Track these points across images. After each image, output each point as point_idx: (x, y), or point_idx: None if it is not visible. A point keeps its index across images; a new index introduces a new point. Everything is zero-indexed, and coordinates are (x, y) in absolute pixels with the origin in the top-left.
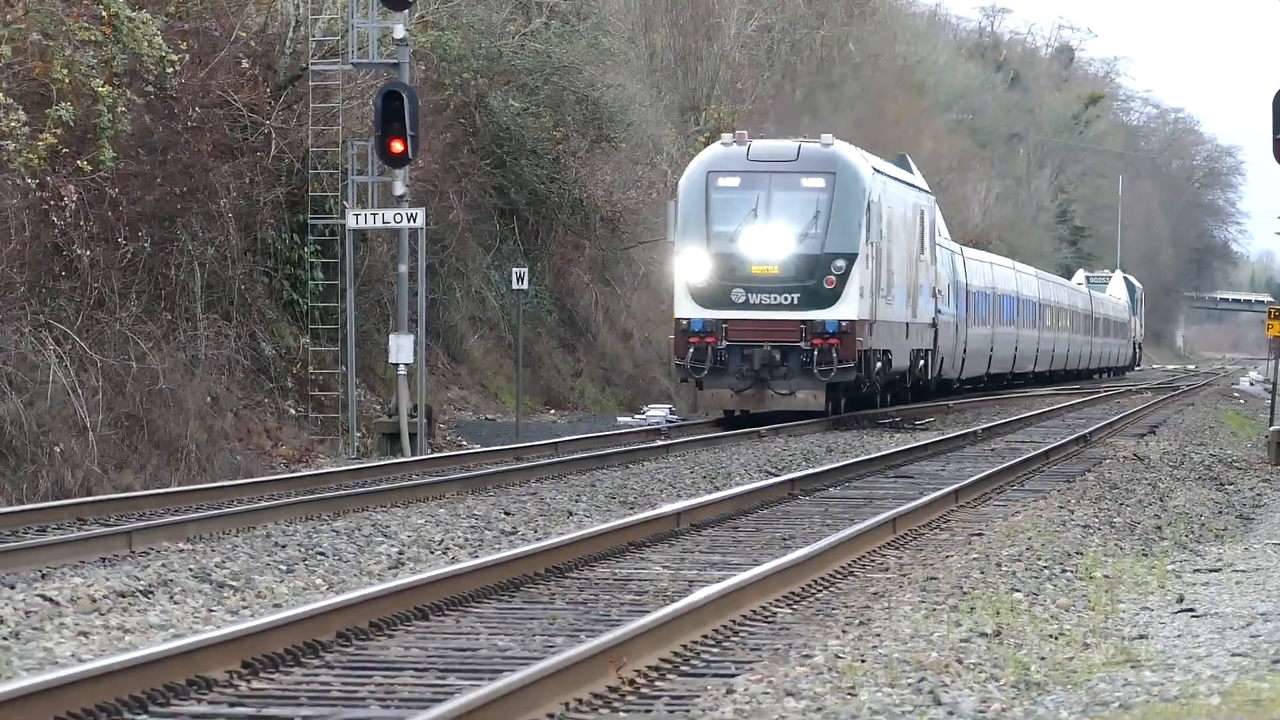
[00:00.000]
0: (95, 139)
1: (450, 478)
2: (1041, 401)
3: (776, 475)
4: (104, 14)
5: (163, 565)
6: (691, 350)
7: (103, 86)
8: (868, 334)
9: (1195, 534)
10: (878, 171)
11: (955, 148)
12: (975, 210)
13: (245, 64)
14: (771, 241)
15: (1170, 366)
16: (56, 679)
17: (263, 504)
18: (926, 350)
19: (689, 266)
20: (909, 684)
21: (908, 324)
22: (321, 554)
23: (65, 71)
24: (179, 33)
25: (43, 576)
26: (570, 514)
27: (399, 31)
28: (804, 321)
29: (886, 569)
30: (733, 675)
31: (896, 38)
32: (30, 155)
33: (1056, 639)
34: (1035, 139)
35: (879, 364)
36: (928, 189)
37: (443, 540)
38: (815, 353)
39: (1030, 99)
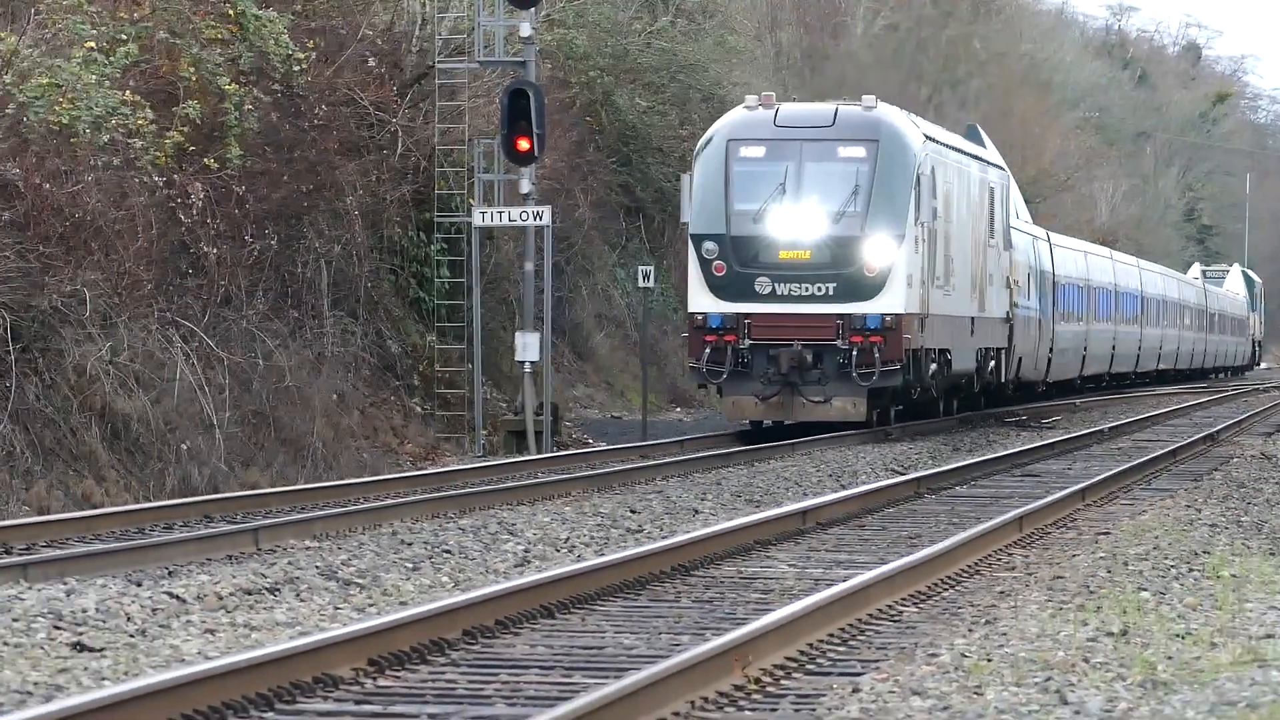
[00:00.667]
0: (222, 137)
1: (576, 476)
2: (1168, 400)
3: (902, 474)
4: (231, 12)
5: (289, 563)
6: (708, 350)
7: (230, 84)
8: (918, 330)
9: None
10: (931, 140)
11: (1082, 146)
12: (1103, 208)
13: (372, 62)
14: (802, 221)
15: None
16: (183, 676)
17: (389, 501)
18: (999, 349)
19: (705, 252)
20: (1035, 683)
21: (973, 319)
22: (448, 552)
23: (192, 70)
24: (306, 31)
25: (169, 574)
26: (696, 512)
27: (525, 30)
28: (841, 316)
29: (1013, 568)
30: (859, 674)
31: (1022, 35)
32: (158, 153)
33: (1183, 638)
34: (1162, 137)
35: (934, 365)
36: (1001, 164)
37: (569, 538)
38: (854, 353)
39: (1157, 97)
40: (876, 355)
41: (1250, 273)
